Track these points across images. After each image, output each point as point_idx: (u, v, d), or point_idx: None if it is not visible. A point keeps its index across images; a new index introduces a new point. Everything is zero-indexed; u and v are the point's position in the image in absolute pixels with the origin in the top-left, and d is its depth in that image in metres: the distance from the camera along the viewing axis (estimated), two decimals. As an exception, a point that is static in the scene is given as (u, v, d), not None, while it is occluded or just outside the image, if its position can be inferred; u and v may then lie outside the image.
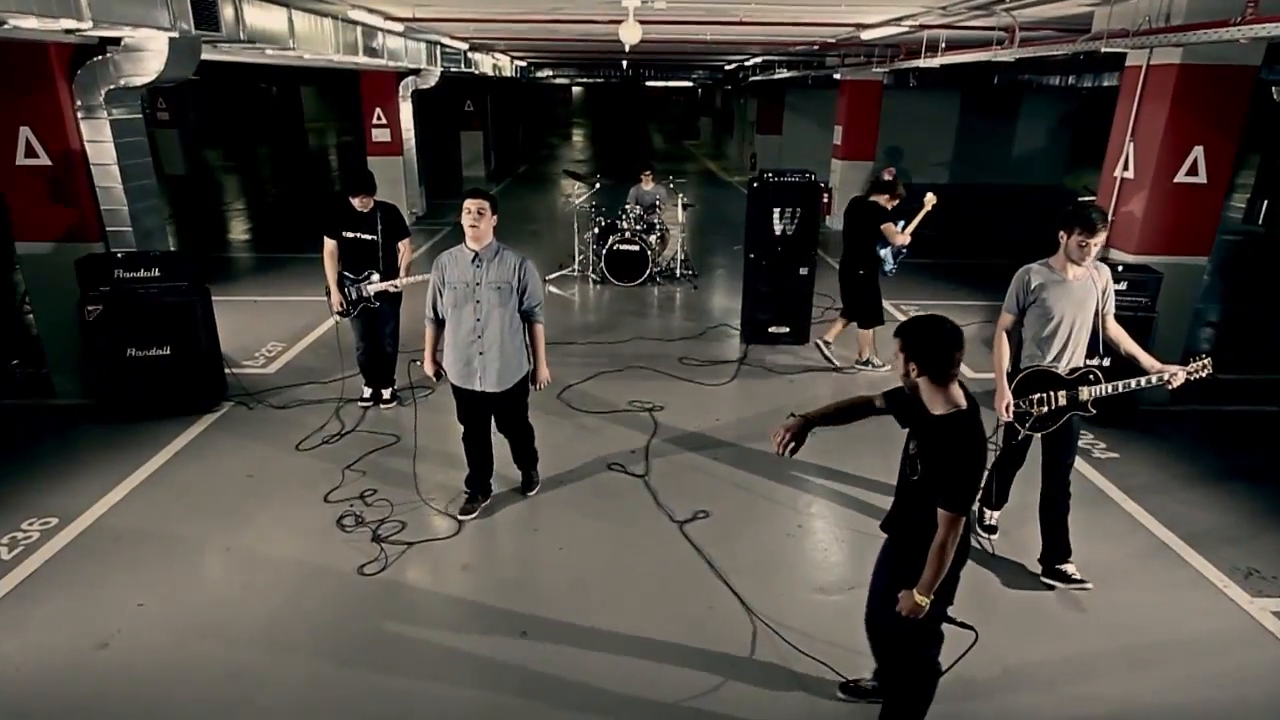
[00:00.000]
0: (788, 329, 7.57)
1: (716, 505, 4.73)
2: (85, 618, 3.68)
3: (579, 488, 4.94)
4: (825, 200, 12.69)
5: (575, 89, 45.63)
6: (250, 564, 4.14)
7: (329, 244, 5.55)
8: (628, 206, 9.87)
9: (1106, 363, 3.94)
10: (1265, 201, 15.12)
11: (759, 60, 15.98)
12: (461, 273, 4.11)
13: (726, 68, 19.84)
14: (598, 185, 10.23)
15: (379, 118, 13.07)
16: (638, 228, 9.57)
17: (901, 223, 6.35)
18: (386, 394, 6.07)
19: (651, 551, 4.30)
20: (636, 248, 9.47)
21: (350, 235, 5.52)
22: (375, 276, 5.59)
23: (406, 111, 13.41)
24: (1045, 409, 3.90)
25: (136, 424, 5.60)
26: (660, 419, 5.90)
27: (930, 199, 6.19)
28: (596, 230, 9.82)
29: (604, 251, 9.52)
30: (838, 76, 13.67)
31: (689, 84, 25.79)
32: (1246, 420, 6.15)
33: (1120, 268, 5.73)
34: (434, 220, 14.13)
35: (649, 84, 24.02)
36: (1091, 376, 3.88)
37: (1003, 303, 4.06)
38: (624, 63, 19.09)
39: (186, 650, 3.50)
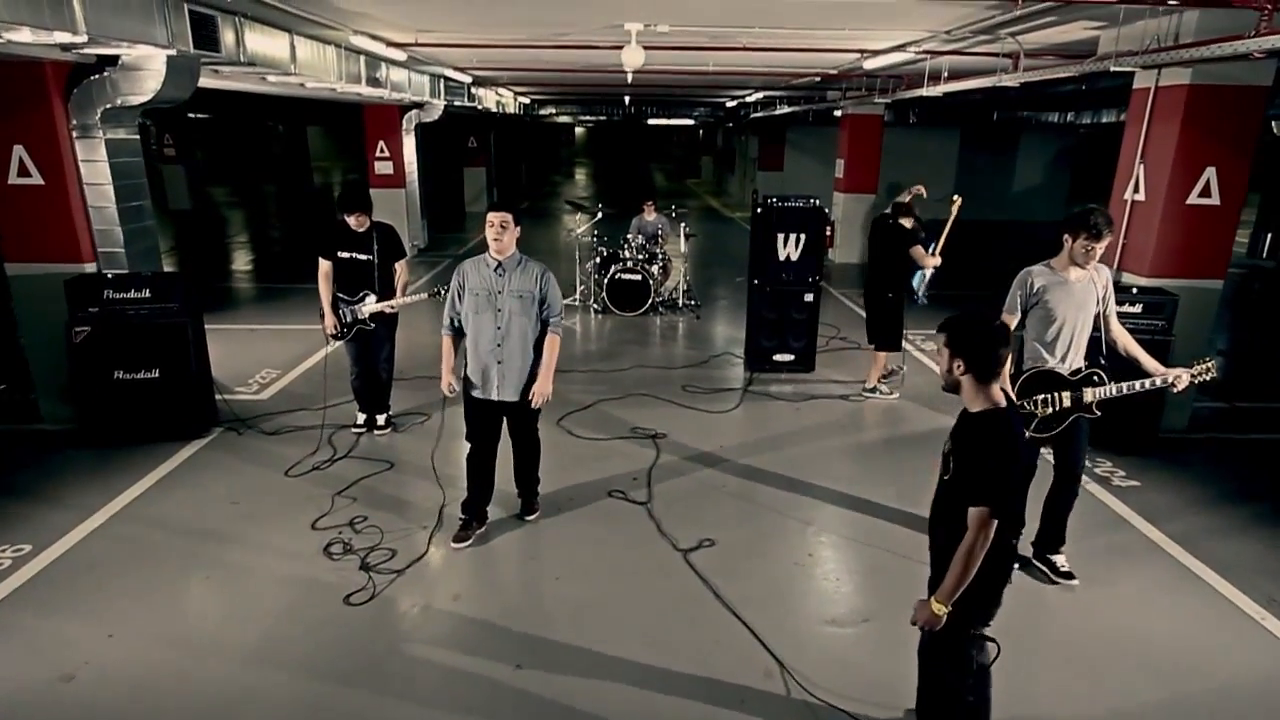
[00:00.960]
0: (793, 356, 7.42)
1: (722, 533, 4.52)
2: (52, 648, 3.46)
3: (578, 515, 4.74)
4: (829, 233, 12.66)
5: (578, 129, 46.23)
6: (230, 593, 3.93)
7: (324, 265, 5.42)
8: (630, 236, 9.80)
9: (1129, 387, 3.80)
10: (1269, 235, 15.11)
11: (760, 96, 16.11)
12: (483, 280, 4.08)
13: (728, 104, 20.02)
14: (599, 215, 10.17)
15: (382, 150, 13.12)
16: (640, 257, 9.48)
17: (932, 245, 6.26)
18: (381, 420, 5.89)
19: (654, 581, 4.08)
20: (638, 277, 9.37)
21: (346, 255, 5.39)
22: (371, 298, 5.46)
23: (409, 145, 13.46)
24: (1049, 410, 3.80)
25: (122, 449, 5.42)
26: (663, 446, 5.71)
27: (957, 201, 6.09)
28: (598, 260, 9.73)
29: (606, 281, 9.42)
30: (838, 113, 13.77)
31: (690, 121, 26.02)
32: (1267, 448, 5.96)
33: (1135, 290, 5.61)
34: (435, 252, 14.10)
35: (651, 121, 24.23)
36: (1095, 378, 3.84)
37: (1004, 305, 4.00)
38: (626, 98, 19.27)
39: (157, 683, 3.27)
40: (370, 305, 5.44)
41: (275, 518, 4.62)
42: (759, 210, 7.24)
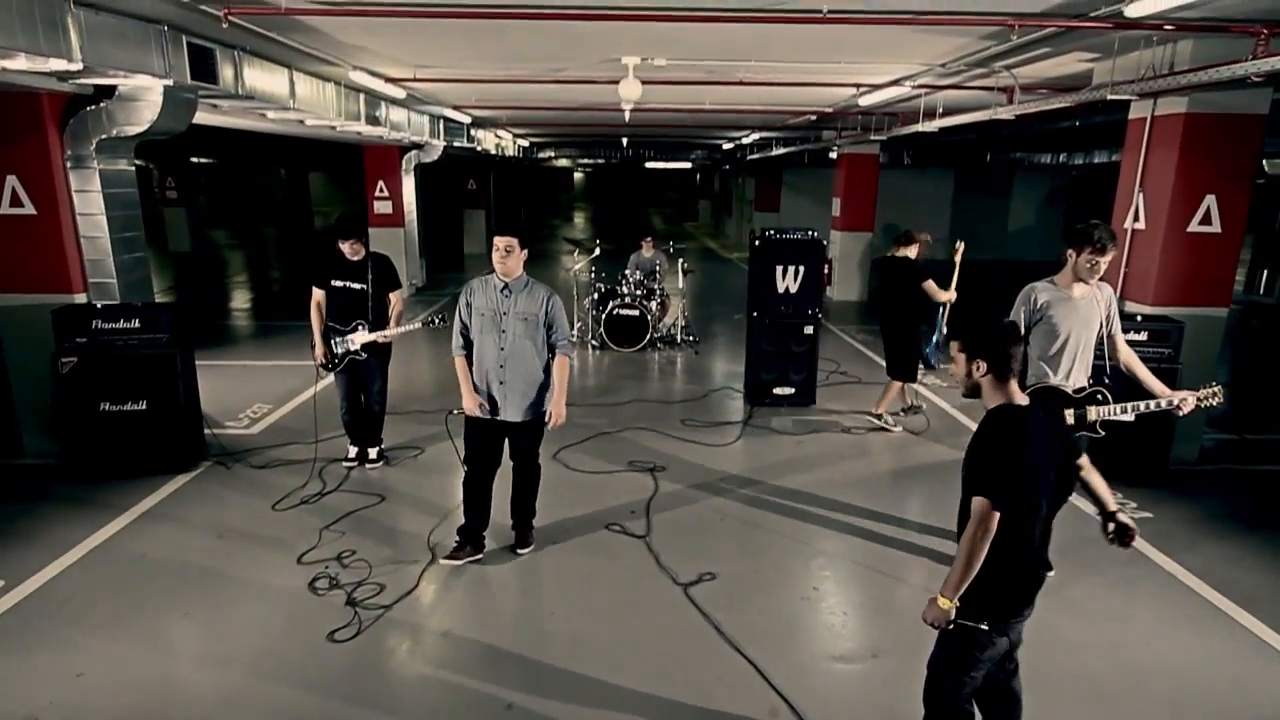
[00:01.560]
0: (793, 390, 7.31)
1: (724, 567, 4.35)
2: (16, 687, 3.28)
3: (574, 549, 4.58)
4: (826, 271, 12.67)
5: (577, 174, 46.78)
6: (208, 631, 3.75)
7: (317, 294, 5.34)
8: (627, 272, 9.77)
9: (1134, 408, 3.71)
10: (1265, 272, 15.18)
11: (756, 137, 16.28)
12: (489, 300, 4.10)
13: (725, 146, 20.25)
14: (597, 251, 10.17)
15: (381, 190, 13.20)
16: (638, 293, 9.44)
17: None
18: (373, 453, 5.75)
19: (653, 616, 3.91)
20: (636, 313, 9.32)
21: (339, 284, 5.31)
22: (363, 328, 5.35)
23: (409, 185, 13.54)
24: None
25: (106, 484, 5.26)
26: (662, 479, 5.57)
27: (960, 247, 6.18)
28: (596, 296, 9.70)
29: (603, 316, 9.36)
30: (833, 155, 13.92)
31: (688, 165, 26.31)
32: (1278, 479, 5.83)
33: (1139, 318, 5.54)
34: (433, 291, 14.07)
35: (649, 165, 24.49)
36: (1100, 396, 3.76)
37: None
38: (624, 140, 19.48)
39: (126, 725, 3.09)
40: (362, 336, 5.34)
41: (260, 552, 4.45)
42: (756, 243, 7.21)
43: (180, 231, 21.59)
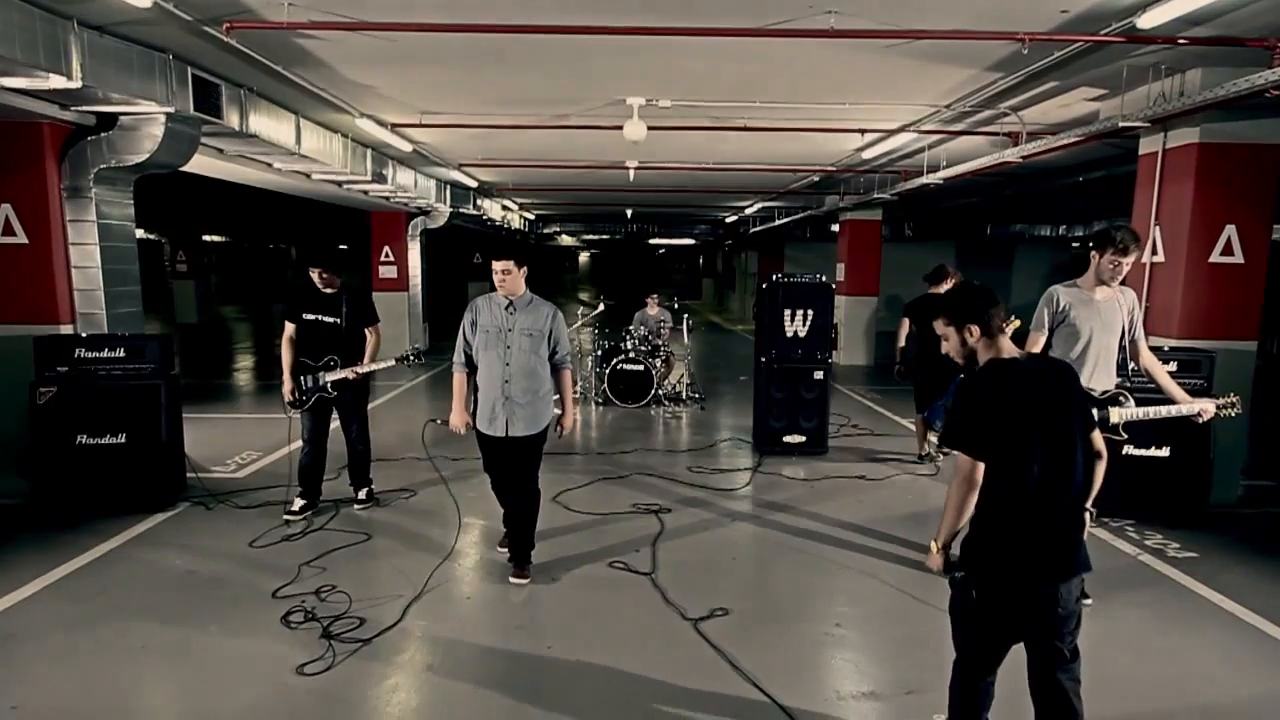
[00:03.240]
0: (804, 438, 7.01)
1: (736, 603, 3.99)
2: (-58, 722, 2.91)
3: (574, 584, 4.22)
4: (833, 334, 12.53)
5: (582, 256, 47.58)
6: (164, 664, 3.39)
7: (288, 328, 5.11)
8: (632, 328, 9.63)
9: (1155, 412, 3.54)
10: (1276, 341, 15.00)
11: (758, 206, 16.47)
12: (494, 317, 4.11)
13: (727, 219, 20.52)
14: (601, 307, 10.06)
15: (387, 255, 13.26)
16: (642, 349, 9.26)
17: None
18: (362, 494, 5.42)
19: (660, 652, 3.53)
20: (640, 367, 9.11)
21: (310, 317, 5.08)
22: (336, 364, 5.10)
23: (414, 251, 13.60)
24: None
25: (76, 524, 4.91)
26: (668, 520, 5.23)
27: (1014, 321, 6.06)
28: (600, 353, 9.53)
29: (607, 371, 9.16)
30: (834, 228, 14.06)
31: (691, 241, 26.71)
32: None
33: (1167, 348, 5.33)
34: (434, 356, 13.88)
35: (653, 241, 24.86)
36: (1121, 398, 3.70)
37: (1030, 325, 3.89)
38: (628, 213, 19.75)
39: (60, 762, 2.72)
40: (334, 374, 5.08)
41: (231, 587, 4.11)
42: (764, 286, 7.08)
43: (188, 304, 21.69)
